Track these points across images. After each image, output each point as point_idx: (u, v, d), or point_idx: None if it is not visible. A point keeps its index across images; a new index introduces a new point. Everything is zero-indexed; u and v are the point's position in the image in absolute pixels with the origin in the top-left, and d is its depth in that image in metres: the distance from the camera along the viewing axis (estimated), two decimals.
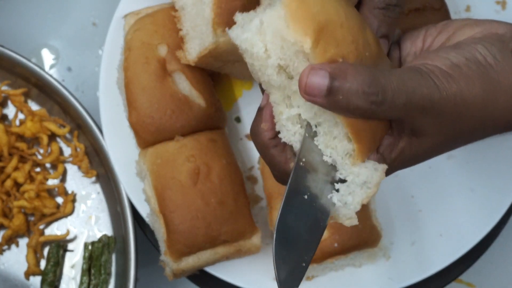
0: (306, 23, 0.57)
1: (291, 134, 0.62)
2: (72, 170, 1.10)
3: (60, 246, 1.05)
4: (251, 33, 0.59)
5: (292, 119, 0.61)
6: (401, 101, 0.57)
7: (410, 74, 0.58)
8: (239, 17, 0.62)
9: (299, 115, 0.61)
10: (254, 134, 0.64)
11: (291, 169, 0.61)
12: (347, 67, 0.56)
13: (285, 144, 0.62)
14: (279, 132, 0.62)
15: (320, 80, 0.55)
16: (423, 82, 0.58)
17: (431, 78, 0.59)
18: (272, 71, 0.59)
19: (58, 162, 1.08)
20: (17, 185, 1.06)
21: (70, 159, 1.09)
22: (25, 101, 1.10)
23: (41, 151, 1.08)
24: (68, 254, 1.07)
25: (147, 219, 0.98)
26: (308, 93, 0.56)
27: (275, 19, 0.58)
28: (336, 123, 0.60)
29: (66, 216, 1.08)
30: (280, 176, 0.64)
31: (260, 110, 0.63)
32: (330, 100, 0.56)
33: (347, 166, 0.61)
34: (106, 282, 1.04)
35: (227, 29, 0.63)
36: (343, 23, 0.59)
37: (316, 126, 0.61)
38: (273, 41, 0.58)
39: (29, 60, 1.06)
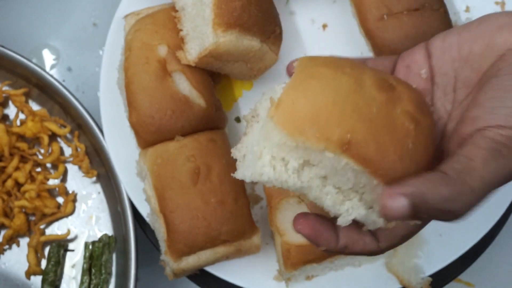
0: (300, 123, 0.57)
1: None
2: (72, 170, 1.10)
3: (61, 245, 1.06)
4: (253, 168, 0.60)
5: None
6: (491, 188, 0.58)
7: (492, 162, 0.58)
8: (236, 153, 0.63)
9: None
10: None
11: None
12: (422, 187, 0.56)
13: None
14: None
15: (401, 206, 0.57)
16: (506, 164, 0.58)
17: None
18: (294, 180, 0.60)
19: (58, 162, 1.08)
20: (18, 185, 1.07)
21: (71, 159, 1.09)
22: (26, 101, 1.10)
23: (42, 151, 1.08)
24: (68, 254, 1.07)
25: (147, 219, 0.98)
26: (391, 218, 0.57)
27: (269, 135, 0.58)
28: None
29: (66, 216, 1.08)
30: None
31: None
32: (415, 218, 0.58)
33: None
34: (107, 281, 1.04)
35: (233, 174, 0.64)
36: (335, 99, 0.58)
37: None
38: (278, 155, 0.59)
39: (30, 61, 1.06)
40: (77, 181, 1.10)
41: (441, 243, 0.99)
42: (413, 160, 0.60)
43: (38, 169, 1.08)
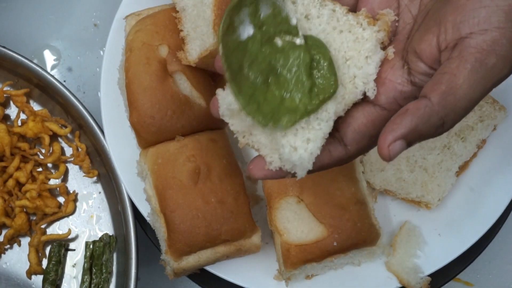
0: None
1: None
2: (73, 170, 1.10)
3: (62, 245, 1.06)
4: None
5: None
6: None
7: (477, 77, 0.61)
8: None
9: None
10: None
11: None
12: (413, 125, 0.61)
13: None
14: None
15: (399, 148, 0.62)
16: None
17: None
18: None
19: (59, 162, 1.08)
20: (19, 184, 1.07)
21: (72, 159, 1.09)
22: (27, 102, 1.10)
23: (43, 151, 1.08)
24: (69, 253, 1.07)
25: (148, 219, 0.98)
26: (392, 159, 0.62)
27: None
28: None
29: (67, 215, 1.08)
30: None
31: None
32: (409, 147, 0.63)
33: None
34: (107, 281, 1.04)
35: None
36: None
37: None
38: None
39: (31, 61, 1.06)
40: (78, 181, 1.10)
41: (440, 243, 0.99)
42: None
43: (39, 169, 1.09)
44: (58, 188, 1.08)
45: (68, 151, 1.10)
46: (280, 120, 0.65)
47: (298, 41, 0.66)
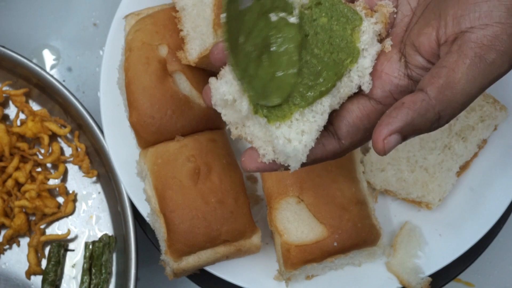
0: None
1: None
2: (73, 170, 1.10)
3: (61, 245, 1.06)
4: None
5: None
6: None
7: (476, 72, 0.60)
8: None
9: None
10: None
11: None
12: (409, 118, 0.60)
13: None
14: None
15: (394, 142, 0.61)
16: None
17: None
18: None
19: (59, 162, 1.08)
20: (18, 185, 1.07)
21: (71, 159, 1.09)
22: (26, 101, 1.10)
23: (42, 151, 1.08)
24: (69, 254, 1.07)
25: (147, 219, 0.98)
26: (386, 153, 0.62)
27: None
28: None
29: (67, 215, 1.08)
30: None
31: None
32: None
33: None
34: (107, 281, 1.04)
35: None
36: None
37: None
38: None
39: (30, 61, 1.06)
40: (77, 181, 1.10)
41: (440, 243, 0.99)
42: None
43: (39, 169, 1.08)
44: (57, 188, 1.08)
45: (68, 151, 1.10)
46: (269, 97, 0.64)
47: (293, 19, 0.66)
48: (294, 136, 0.64)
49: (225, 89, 0.66)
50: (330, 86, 0.65)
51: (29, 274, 1.05)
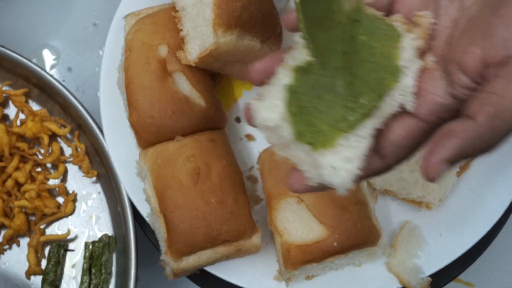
0: None
1: None
2: (72, 170, 1.10)
3: (61, 245, 1.06)
4: None
5: None
6: None
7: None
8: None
9: None
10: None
11: None
12: (458, 147, 0.60)
13: None
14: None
15: (442, 170, 0.60)
16: None
17: None
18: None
19: (58, 162, 1.08)
20: (18, 185, 1.07)
21: (71, 159, 1.09)
22: (26, 101, 1.10)
23: (42, 151, 1.08)
24: (68, 254, 1.07)
25: (147, 219, 0.98)
26: (435, 180, 0.61)
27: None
28: None
29: (66, 215, 1.08)
30: None
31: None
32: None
33: None
34: (107, 281, 1.04)
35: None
36: None
37: None
38: None
39: (30, 61, 1.06)
40: (77, 181, 1.10)
41: (441, 243, 0.99)
42: None
43: (38, 169, 1.08)
44: (57, 188, 1.08)
45: (67, 151, 1.10)
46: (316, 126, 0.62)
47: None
48: (340, 164, 0.61)
49: (266, 115, 0.63)
50: (373, 107, 0.62)
51: (29, 274, 1.05)
